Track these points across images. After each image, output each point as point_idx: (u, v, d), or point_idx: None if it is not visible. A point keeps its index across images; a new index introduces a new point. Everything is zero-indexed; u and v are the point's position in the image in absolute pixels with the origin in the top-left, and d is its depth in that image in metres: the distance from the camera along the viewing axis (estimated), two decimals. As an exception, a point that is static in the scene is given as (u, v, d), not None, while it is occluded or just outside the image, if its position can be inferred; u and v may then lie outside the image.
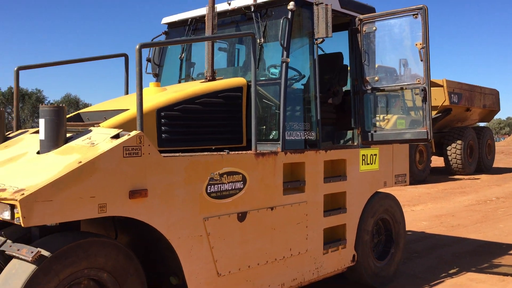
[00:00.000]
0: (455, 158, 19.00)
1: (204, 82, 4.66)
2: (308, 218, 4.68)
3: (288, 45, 4.56)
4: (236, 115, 4.58)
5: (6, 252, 3.17)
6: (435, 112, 17.57)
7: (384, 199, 5.74)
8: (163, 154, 3.51)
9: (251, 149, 4.23)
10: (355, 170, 5.26)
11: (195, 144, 4.29)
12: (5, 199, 2.88)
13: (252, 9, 4.86)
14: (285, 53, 4.53)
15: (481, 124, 24.86)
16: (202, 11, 5.35)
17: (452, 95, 17.84)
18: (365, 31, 5.23)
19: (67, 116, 4.39)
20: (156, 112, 4.00)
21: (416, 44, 4.95)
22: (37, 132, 4.18)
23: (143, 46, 3.46)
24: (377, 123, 5.29)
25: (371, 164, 5.50)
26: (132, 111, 3.93)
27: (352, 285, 5.55)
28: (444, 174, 19.42)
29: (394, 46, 5.25)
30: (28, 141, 3.89)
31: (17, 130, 4.46)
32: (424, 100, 4.93)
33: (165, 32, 5.76)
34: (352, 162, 5.22)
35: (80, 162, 3.08)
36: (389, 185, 5.79)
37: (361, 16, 5.22)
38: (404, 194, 13.75)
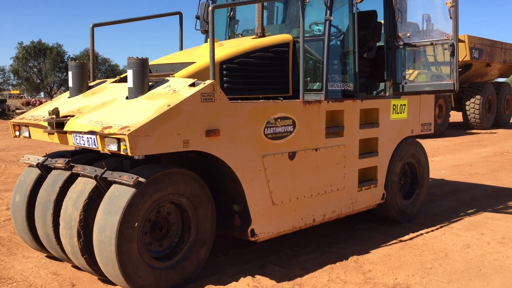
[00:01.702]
0: (473, 113, 19.43)
1: (255, 38, 5.23)
2: (345, 159, 5.33)
3: (331, 4, 5.09)
4: (283, 68, 5.18)
5: (108, 179, 3.88)
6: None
7: (411, 145, 6.36)
8: (230, 100, 4.15)
9: (297, 98, 4.84)
10: (386, 118, 5.87)
11: (249, 93, 4.91)
12: (114, 134, 3.56)
13: (297, -29, 5.36)
14: (328, 11, 5.07)
15: (500, 80, 25.04)
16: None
17: (473, 51, 18.07)
18: (398, -10, 5.70)
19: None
20: (219, 64, 4.62)
21: (446, 3, 5.43)
22: (116, 81, 4.84)
23: (216, 7, 4.05)
24: (407, 76, 5.84)
25: (401, 113, 6.10)
26: (199, 63, 4.55)
27: (379, 221, 6.25)
28: (462, 129, 19.89)
29: (424, 4, 5.74)
30: (112, 89, 4.54)
31: (93, 80, 5.11)
32: (452, 54, 5.45)
33: (214, -9, 6.29)
34: (384, 111, 5.82)
35: (169, 105, 3.74)
36: (415, 132, 6.40)
37: (395, -23, 5.68)
38: (424, 146, 14.31)
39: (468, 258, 5.03)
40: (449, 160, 11.94)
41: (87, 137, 3.83)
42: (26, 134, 4.59)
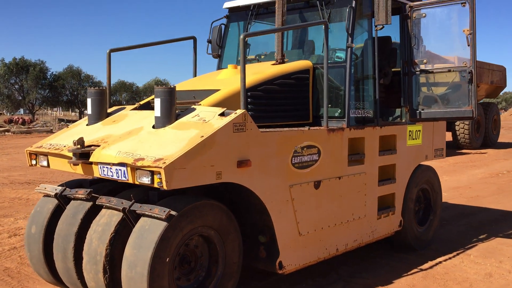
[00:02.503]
0: (463, 133, 19.62)
1: (275, 64, 5.17)
2: (366, 187, 5.26)
3: (353, 32, 5.06)
4: (304, 94, 5.11)
5: (136, 211, 3.73)
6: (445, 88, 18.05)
7: (425, 171, 6.33)
8: (260, 130, 4.06)
9: (317, 125, 4.78)
10: (403, 144, 5.83)
11: (272, 120, 4.83)
12: (148, 166, 3.43)
13: (317, -2, 5.33)
14: (349, 38, 5.04)
15: (487, 100, 25.39)
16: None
17: None
18: (415, 17, 5.71)
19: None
20: (245, 91, 4.52)
21: (464, 30, 5.45)
22: (136, 108, 4.71)
23: (247, 35, 3.97)
24: (424, 102, 5.82)
25: (416, 139, 6.06)
26: (224, 91, 4.46)
27: (394, 247, 6.17)
28: (452, 149, 20.04)
29: (441, 31, 5.75)
30: (134, 117, 4.41)
31: (110, 107, 4.97)
32: (470, 81, 5.45)
33: (227, 16, 6.24)
34: (401, 137, 5.78)
35: (202, 136, 3.62)
36: (429, 158, 6.37)
37: (412, 4, 5.70)
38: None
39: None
40: (448, 182, 11.96)
41: (116, 169, 3.69)
42: (44, 163, 4.43)
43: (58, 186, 4.48)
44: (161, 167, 3.36)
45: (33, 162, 4.54)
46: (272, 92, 4.79)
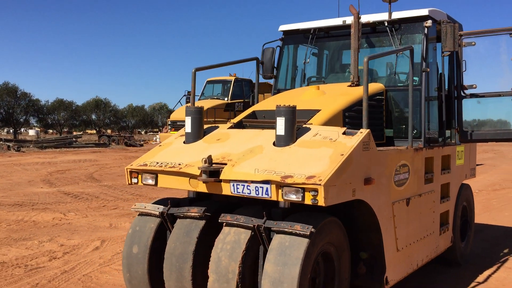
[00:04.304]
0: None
1: (351, 86, 5.37)
2: (434, 204, 5.53)
3: (427, 56, 5.37)
4: (379, 116, 5.34)
5: (272, 229, 3.76)
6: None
7: (466, 189, 6.71)
8: (378, 148, 4.22)
9: (390, 145, 5.02)
10: (454, 164, 6.17)
11: None
12: (303, 184, 3.49)
13: (386, 24, 5.62)
14: (424, 63, 5.34)
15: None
16: (323, 22, 6.07)
17: None
18: (464, 45, 6.12)
19: (246, 115, 4.99)
20: (342, 112, 4.70)
21: (512, 59, 5.91)
22: (232, 127, 4.74)
23: (370, 58, 4.17)
24: (474, 124, 6.21)
25: (460, 159, 6.44)
26: (327, 111, 4.61)
27: (439, 264, 6.46)
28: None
29: (491, 58, 6.20)
30: (241, 135, 4.43)
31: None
32: (519, 105, 5.90)
33: (281, 38, 6.40)
34: (453, 157, 6.13)
35: (342, 154, 3.74)
36: (468, 177, 6.77)
37: (462, 32, 6.10)
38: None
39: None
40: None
41: (257, 186, 3.71)
42: (150, 182, 4.35)
43: (161, 205, 4.41)
44: (319, 184, 3.44)
45: (134, 180, 4.45)
46: (360, 113, 4.98)
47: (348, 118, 4.77)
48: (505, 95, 6.01)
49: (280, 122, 4.07)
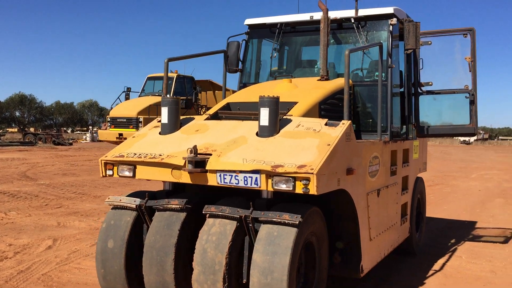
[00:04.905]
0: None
1: (320, 80, 5.45)
2: (397, 196, 5.74)
3: (392, 53, 5.56)
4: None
5: (260, 219, 3.75)
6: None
7: (420, 182, 7.01)
8: (355, 140, 4.32)
9: (359, 139, 5.16)
10: (411, 158, 6.43)
11: None
12: (295, 173, 3.51)
13: (353, 21, 5.76)
14: (390, 60, 5.52)
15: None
16: (290, 17, 6.14)
17: None
18: (422, 43, 6.38)
19: (221, 106, 4.94)
20: (318, 104, 4.76)
21: (466, 58, 6.25)
22: (209, 119, 4.68)
23: (351, 51, 4.24)
24: (429, 119, 6.50)
25: (416, 153, 6.72)
26: (304, 103, 4.66)
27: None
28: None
29: (445, 57, 6.51)
30: (221, 126, 4.37)
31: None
32: (472, 102, 6.25)
33: (247, 32, 6.39)
34: (411, 151, 6.38)
35: (329, 145, 3.79)
36: (421, 170, 7.08)
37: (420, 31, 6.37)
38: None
39: (509, 280, 5.69)
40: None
41: (245, 176, 3.68)
42: (127, 173, 4.19)
43: (138, 198, 4.27)
44: (311, 173, 3.46)
45: (109, 172, 4.27)
46: (333, 106, 5.08)
47: (323, 110, 4.85)
48: (459, 92, 6.34)
49: (264, 113, 4.06)
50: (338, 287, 5.21)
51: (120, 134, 18.08)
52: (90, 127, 61.30)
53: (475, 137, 74.63)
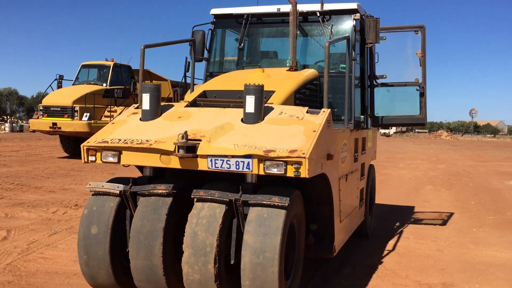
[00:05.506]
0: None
1: (289, 70, 5.66)
2: (358, 181, 6.09)
3: (355, 47, 5.87)
4: (316, 99, 5.72)
5: (249, 202, 3.90)
6: (163, 102, 20.03)
7: (372, 169, 7.44)
8: (333, 127, 4.57)
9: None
10: (367, 146, 6.82)
11: None
12: (287, 157, 3.69)
13: (318, 14, 6.01)
14: (353, 52, 5.83)
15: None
16: (257, 9, 6.30)
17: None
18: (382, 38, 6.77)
19: (198, 94, 5.02)
20: (293, 93, 4.97)
21: (417, 53, 6.71)
22: (189, 106, 4.75)
23: (331, 43, 4.47)
24: (384, 110, 6.92)
25: (370, 142, 7.13)
26: (281, 92, 4.85)
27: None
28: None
29: (398, 52, 6.94)
30: (204, 113, 4.46)
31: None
32: (421, 95, 6.73)
33: (213, 22, 6.48)
34: (367, 140, 6.77)
35: (314, 131, 4.01)
36: (373, 158, 7.51)
37: (376, 27, 6.75)
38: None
39: (457, 257, 6.22)
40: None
41: (237, 161, 3.81)
42: (111, 159, 4.18)
43: (121, 184, 4.27)
44: (303, 157, 3.66)
45: (92, 158, 4.24)
46: (306, 95, 5.31)
47: (298, 99, 5.06)
48: (410, 85, 6.80)
49: (250, 100, 4.20)
50: (306, 267, 5.47)
51: (54, 124, 17.43)
52: (9, 117, 58.12)
53: (394, 129, 78.77)
